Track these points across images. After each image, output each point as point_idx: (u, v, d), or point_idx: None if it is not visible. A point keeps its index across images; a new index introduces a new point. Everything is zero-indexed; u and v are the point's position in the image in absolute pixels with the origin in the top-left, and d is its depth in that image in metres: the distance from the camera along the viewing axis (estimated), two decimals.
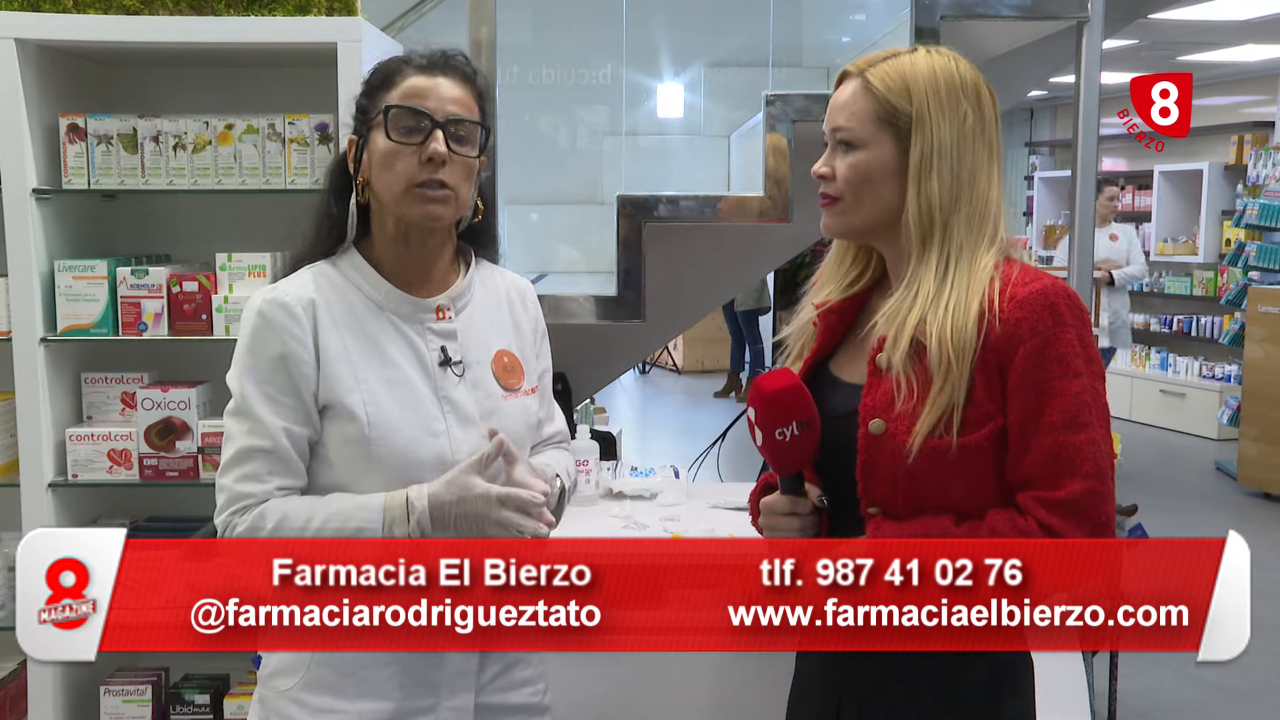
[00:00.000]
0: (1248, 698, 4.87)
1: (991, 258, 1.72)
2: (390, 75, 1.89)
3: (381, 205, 1.90)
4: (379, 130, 1.86)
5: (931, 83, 1.73)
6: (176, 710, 3.11)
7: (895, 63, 1.75)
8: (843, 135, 1.76)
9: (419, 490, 1.80)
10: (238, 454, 1.82)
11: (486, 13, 3.59)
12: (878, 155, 1.74)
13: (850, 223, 1.78)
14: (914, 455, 1.66)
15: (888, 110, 1.73)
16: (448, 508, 1.79)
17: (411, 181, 1.84)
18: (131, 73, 3.27)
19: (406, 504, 1.78)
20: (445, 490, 1.80)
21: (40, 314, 2.96)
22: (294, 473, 1.84)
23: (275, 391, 1.82)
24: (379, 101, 1.88)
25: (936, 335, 1.66)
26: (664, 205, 3.81)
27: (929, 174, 1.71)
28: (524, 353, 2.01)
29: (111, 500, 3.23)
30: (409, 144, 1.84)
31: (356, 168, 1.91)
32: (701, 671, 2.76)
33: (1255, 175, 9.39)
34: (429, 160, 1.83)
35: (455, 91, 1.88)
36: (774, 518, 1.79)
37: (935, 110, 1.72)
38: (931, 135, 1.72)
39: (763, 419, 1.72)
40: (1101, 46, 3.70)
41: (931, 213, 1.71)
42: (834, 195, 1.77)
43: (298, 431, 1.83)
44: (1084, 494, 1.63)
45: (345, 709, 1.84)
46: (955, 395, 1.65)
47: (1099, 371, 1.69)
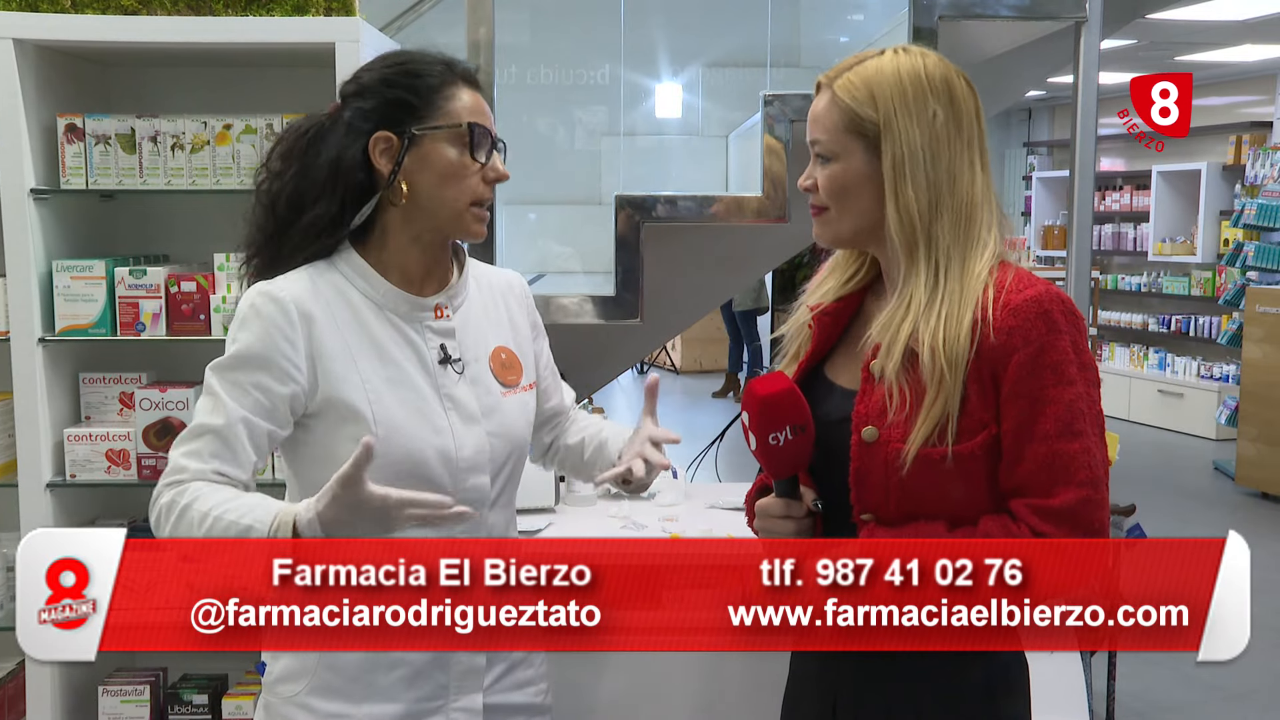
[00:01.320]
0: (1244, 697, 4.88)
1: (985, 263, 1.70)
2: (444, 82, 1.86)
3: (419, 211, 1.86)
4: (448, 143, 1.83)
5: (897, 86, 1.70)
6: (175, 710, 3.11)
7: (860, 70, 1.73)
8: (818, 149, 1.76)
9: (308, 505, 1.67)
10: (191, 430, 1.79)
11: (485, 13, 3.59)
12: (851, 166, 1.73)
13: (837, 232, 1.78)
14: (907, 467, 1.65)
15: (854, 120, 1.71)
16: (339, 521, 1.65)
17: (474, 200, 1.85)
18: (129, 73, 3.27)
19: (293, 526, 1.66)
20: (330, 509, 1.65)
21: (38, 314, 2.96)
22: (239, 462, 1.78)
23: (244, 379, 1.78)
24: (437, 110, 1.84)
25: (929, 346, 1.65)
26: (662, 205, 3.81)
27: (904, 181, 1.70)
28: (521, 348, 2.02)
29: (109, 500, 3.22)
30: (480, 162, 1.85)
31: (396, 167, 1.84)
32: (698, 672, 2.76)
33: (1253, 175, 9.40)
34: (494, 181, 1.86)
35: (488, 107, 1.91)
36: (768, 520, 1.78)
37: (902, 115, 1.70)
38: (900, 141, 1.69)
39: (756, 423, 1.72)
40: (1099, 47, 3.71)
41: (912, 221, 1.69)
42: (819, 206, 1.77)
43: (257, 423, 1.79)
44: (1078, 502, 1.63)
45: (352, 713, 1.84)
46: (950, 405, 1.64)
47: (1094, 378, 1.68)
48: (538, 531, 3.11)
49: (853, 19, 5.48)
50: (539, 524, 3.16)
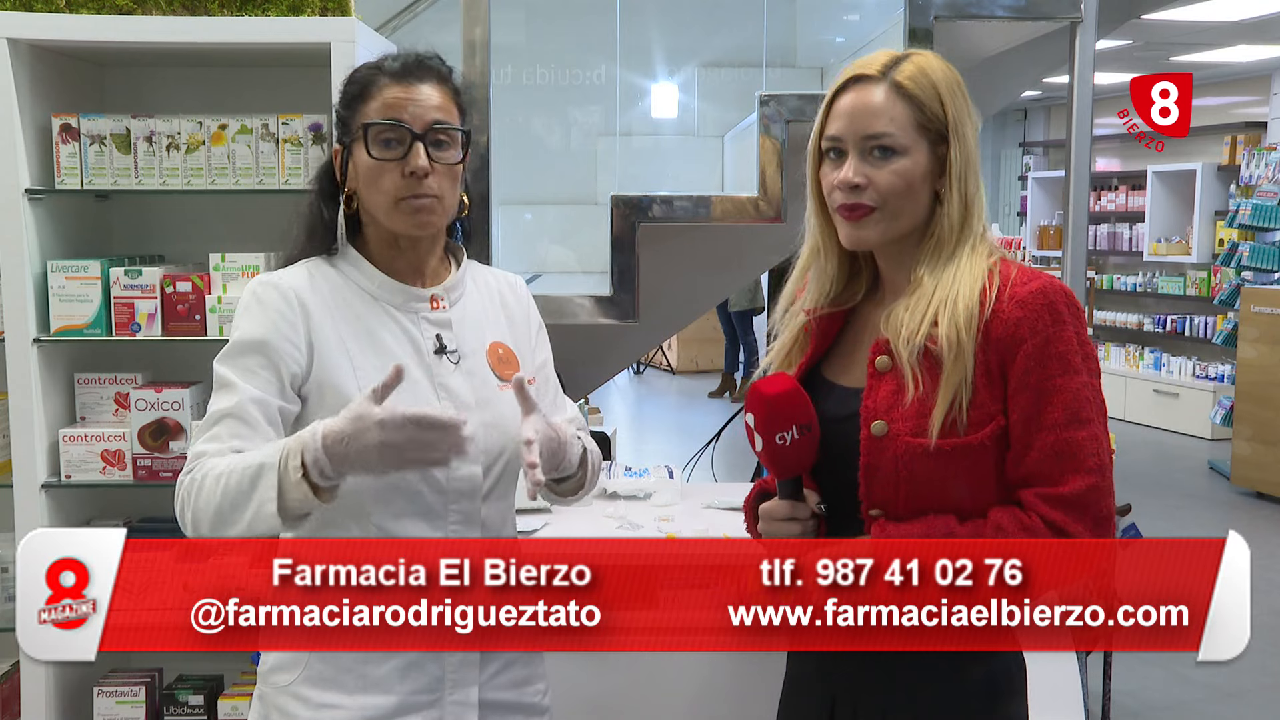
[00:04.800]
0: (1239, 696, 4.88)
1: (984, 255, 1.73)
2: (366, 86, 1.88)
3: (368, 214, 1.91)
4: (359, 146, 1.86)
5: (955, 87, 1.74)
6: (170, 711, 3.11)
7: (918, 66, 1.73)
8: (886, 141, 1.71)
9: (314, 425, 1.67)
10: (206, 420, 1.81)
11: (480, 13, 3.59)
12: (918, 163, 1.72)
13: (888, 232, 1.74)
14: (933, 446, 1.66)
15: (926, 116, 1.72)
16: (345, 438, 1.63)
17: (397, 196, 1.85)
18: (125, 73, 3.27)
19: (300, 440, 1.66)
20: (340, 420, 1.64)
21: (33, 314, 2.96)
22: (257, 437, 1.77)
23: (252, 363, 1.81)
24: (357, 114, 1.88)
25: (944, 334, 1.66)
26: (658, 205, 3.81)
27: (964, 182, 1.72)
28: (518, 346, 2.01)
29: (105, 501, 3.22)
30: (390, 159, 1.84)
31: (344, 176, 1.91)
32: (695, 672, 2.75)
33: (1248, 175, 9.41)
34: (412, 174, 1.84)
35: (433, 98, 1.87)
36: (774, 524, 1.77)
37: (963, 114, 1.73)
38: (968, 141, 1.73)
39: (762, 424, 1.71)
40: (1094, 47, 3.71)
41: (963, 222, 1.73)
42: (871, 205, 1.72)
43: (270, 400, 1.80)
44: (1087, 489, 1.64)
45: (346, 704, 1.84)
46: (961, 391, 1.66)
47: (1095, 369, 1.70)
48: (534, 531, 3.11)
49: (848, 19, 5.47)
50: (535, 524, 3.16)
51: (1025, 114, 14.31)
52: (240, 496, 1.68)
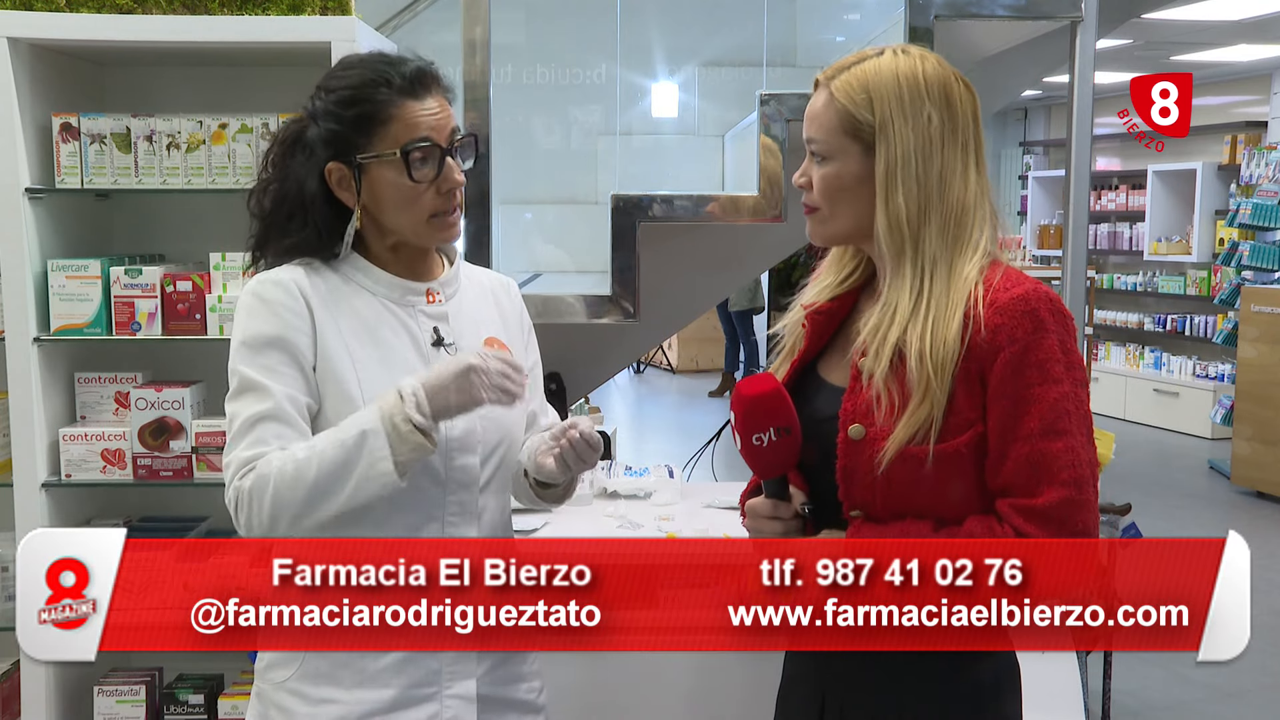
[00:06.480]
0: (1238, 696, 4.88)
1: (975, 265, 1.69)
2: (380, 106, 1.84)
3: (386, 229, 1.90)
4: (391, 170, 1.83)
5: (894, 89, 1.70)
6: (170, 710, 3.10)
7: (859, 70, 1.72)
8: (813, 147, 1.75)
9: (411, 379, 1.78)
10: (242, 426, 1.79)
11: (480, 12, 3.59)
12: (846, 167, 1.73)
13: (830, 231, 1.78)
14: (884, 466, 1.64)
15: (851, 122, 1.71)
16: (438, 372, 1.77)
17: (433, 214, 1.86)
18: (125, 72, 3.27)
19: (399, 393, 1.75)
20: (433, 370, 1.79)
21: (34, 313, 2.95)
22: (299, 435, 1.80)
23: (273, 362, 1.81)
24: (376, 137, 1.84)
25: (916, 351, 1.64)
26: (658, 205, 3.81)
27: (895, 187, 1.69)
28: (512, 344, 2.02)
29: (105, 500, 3.22)
30: (428, 179, 1.84)
31: (356, 196, 1.86)
32: (693, 671, 2.76)
33: (1248, 175, 9.42)
34: (448, 191, 1.85)
35: (445, 107, 1.88)
36: (757, 520, 1.78)
37: (898, 118, 1.69)
38: (895, 145, 1.69)
39: (741, 424, 1.72)
40: (1095, 46, 3.71)
41: (901, 227, 1.69)
42: (813, 205, 1.77)
43: (300, 398, 1.82)
44: (1061, 502, 1.61)
45: (344, 698, 1.84)
46: (934, 411, 1.64)
47: (1081, 378, 1.67)
48: (533, 531, 3.11)
49: (849, 18, 5.47)
50: (535, 523, 3.16)
51: (1026, 113, 14.31)
52: (340, 467, 1.72)
